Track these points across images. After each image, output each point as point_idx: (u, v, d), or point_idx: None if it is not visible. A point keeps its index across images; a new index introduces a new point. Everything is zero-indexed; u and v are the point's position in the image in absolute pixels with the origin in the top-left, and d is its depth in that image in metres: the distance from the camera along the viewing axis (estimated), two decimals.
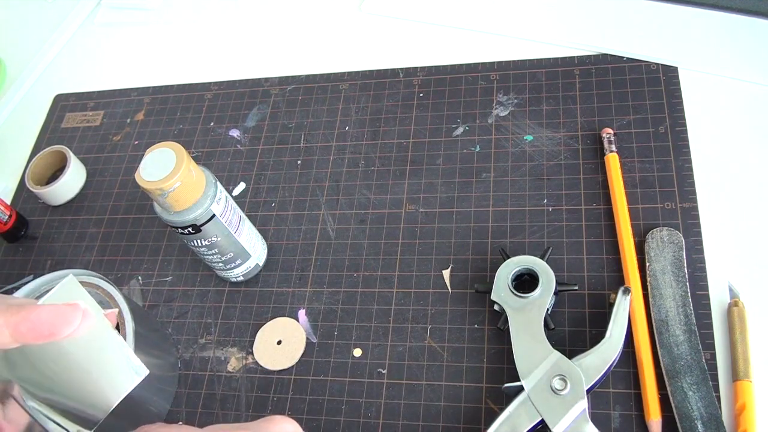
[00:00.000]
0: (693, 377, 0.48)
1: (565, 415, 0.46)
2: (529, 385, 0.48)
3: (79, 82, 0.83)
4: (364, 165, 0.66)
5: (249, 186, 0.67)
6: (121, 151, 0.74)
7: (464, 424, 0.51)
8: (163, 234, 0.67)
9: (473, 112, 0.66)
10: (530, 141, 0.63)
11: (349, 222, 0.63)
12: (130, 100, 0.78)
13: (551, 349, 0.49)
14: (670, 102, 0.62)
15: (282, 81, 0.74)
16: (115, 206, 0.70)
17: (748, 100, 0.61)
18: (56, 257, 0.68)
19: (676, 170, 0.58)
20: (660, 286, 0.52)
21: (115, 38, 0.86)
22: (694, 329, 0.50)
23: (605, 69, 0.65)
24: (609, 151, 0.59)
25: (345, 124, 0.69)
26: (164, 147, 0.50)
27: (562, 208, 0.59)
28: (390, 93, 0.70)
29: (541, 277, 0.52)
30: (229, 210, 0.55)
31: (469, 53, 0.71)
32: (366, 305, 0.58)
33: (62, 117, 0.79)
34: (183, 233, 0.54)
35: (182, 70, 0.79)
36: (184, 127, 0.74)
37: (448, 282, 0.58)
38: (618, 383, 0.50)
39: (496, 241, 0.58)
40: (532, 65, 0.67)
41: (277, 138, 0.70)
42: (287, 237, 0.63)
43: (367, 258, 0.60)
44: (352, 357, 0.56)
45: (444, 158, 0.64)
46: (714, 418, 0.46)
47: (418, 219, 0.61)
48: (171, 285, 0.64)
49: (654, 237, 0.54)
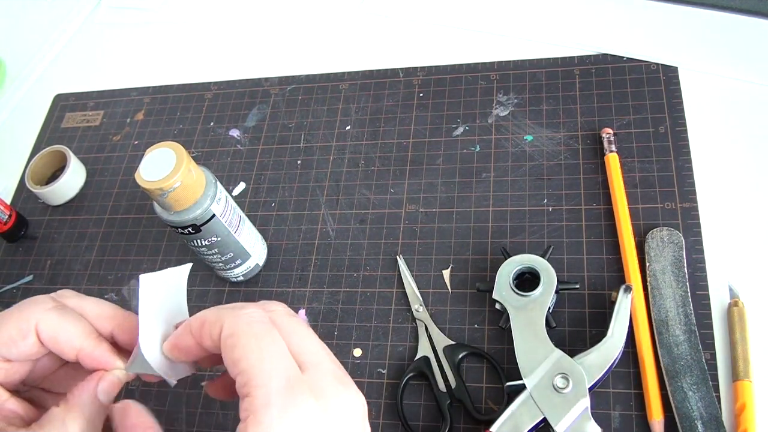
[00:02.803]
0: (693, 377, 0.48)
1: (568, 414, 0.46)
2: (531, 384, 0.48)
3: (79, 82, 0.83)
4: (364, 165, 0.66)
5: (249, 186, 0.67)
6: (121, 151, 0.74)
7: (464, 424, 0.51)
8: (163, 234, 0.67)
9: (473, 112, 0.66)
10: (530, 141, 0.63)
11: (349, 222, 0.63)
12: (130, 100, 0.78)
13: (553, 347, 0.49)
14: (670, 102, 0.62)
15: (282, 81, 0.74)
16: (115, 206, 0.70)
17: (748, 100, 0.61)
18: (56, 257, 0.68)
19: (676, 170, 0.58)
20: (660, 286, 0.52)
21: (115, 38, 0.86)
22: (694, 329, 0.50)
23: (605, 69, 0.65)
24: (609, 151, 0.59)
25: (345, 124, 0.69)
26: (164, 147, 0.50)
27: (562, 208, 0.59)
28: (390, 93, 0.70)
29: (543, 276, 0.52)
30: (229, 210, 0.55)
31: (469, 53, 0.71)
32: (366, 305, 0.58)
33: (62, 117, 0.79)
34: (183, 233, 0.54)
35: (182, 70, 0.79)
36: (184, 127, 0.74)
37: (448, 282, 0.58)
38: (618, 383, 0.50)
39: (496, 241, 0.58)
40: (532, 65, 0.67)
41: (277, 138, 0.70)
42: (287, 237, 0.63)
43: (367, 258, 0.60)
44: (352, 357, 0.56)
45: (444, 158, 0.64)
46: (714, 418, 0.46)
47: (418, 219, 0.61)
48: None
49: (654, 237, 0.54)
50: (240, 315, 0.33)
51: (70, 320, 0.36)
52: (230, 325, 0.32)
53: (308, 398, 0.30)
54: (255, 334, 0.32)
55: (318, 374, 0.32)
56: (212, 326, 0.33)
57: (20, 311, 0.36)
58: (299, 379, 0.31)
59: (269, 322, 0.33)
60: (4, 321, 0.35)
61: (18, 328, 0.35)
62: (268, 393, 0.30)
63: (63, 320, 0.36)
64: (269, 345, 0.32)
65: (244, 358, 0.31)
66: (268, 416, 0.29)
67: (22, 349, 0.35)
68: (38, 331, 0.35)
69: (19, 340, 0.35)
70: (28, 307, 0.36)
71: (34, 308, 0.36)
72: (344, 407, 0.32)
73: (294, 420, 0.30)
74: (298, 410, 0.30)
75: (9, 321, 0.35)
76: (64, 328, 0.36)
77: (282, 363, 0.31)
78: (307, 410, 0.30)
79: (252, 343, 0.31)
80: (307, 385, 0.31)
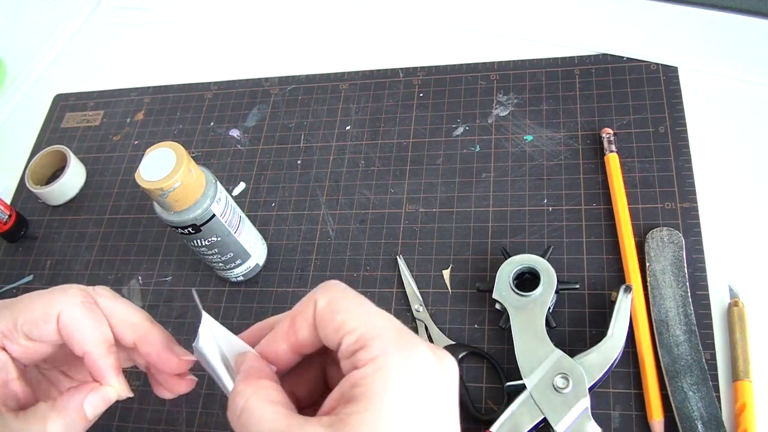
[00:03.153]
0: (693, 377, 0.48)
1: (568, 413, 0.46)
2: (531, 384, 0.48)
3: (79, 82, 0.83)
4: (364, 165, 0.66)
5: (249, 186, 0.67)
6: (121, 151, 0.74)
7: (464, 424, 0.51)
8: (163, 234, 0.67)
9: (473, 112, 0.66)
10: (530, 141, 0.63)
11: (349, 222, 0.63)
12: (130, 100, 0.78)
13: (553, 347, 0.49)
14: (670, 102, 0.62)
15: (282, 81, 0.74)
16: (115, 206, 0.70)
17: (748, 100, 0.61)
18: (56, 257, 0.68)
19: (676, 170, 0.58)
20: (660, 286, 0.52)
21: (115, 38, 0.86)
22: (694, 329, 0.50)
23: (605, 69, 0.65)
24: (609, 151, 0.59)
25: (345, 124, 0.69)
26: (164, 147, 0.50)
27: (562, 208, 0.59)
28: (390, 93, 0.70)
29: (543, 276, 0.52)
30: (229, 210, 0.55)
31: (469, 53, 0.71)
32: None
33: (62, 117, 0.79)
34: (183, 233, 0.54)
35: (182, 70, 0.79)
36: (184, 127, 0.74)
37: (448, 282, 0.58)
38: (618, 383, 0.50)
39: (496, 241, 0.58)
40: (532, 65, 0.67)
41: (277, 138, 0.70)
42: (287, 237, 0.63)
43: (367, 258, 0.60)
44: None
45: (444, 158, 0.64)
46: (714, 418, 0.46)
47: (418, 219, 0.61)
48: (171, 285, 0.63)
49: (654, 237, 0.54)
50: (330, 287, 0.33)
51: (90, 321, 0.36)
52: (323, 296, 0.32)
53: (424, 348, 0.30)
54: (353, 297, 0.32)
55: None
56: (305, 311, 0.33)
57: (51, 295, 0.36)
58: (410, 332, 0.31)
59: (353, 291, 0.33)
60: (35, 301, 0.36)
61: (43, 311, 0.36)
62: (385, 342, 0.29)
63: (84, 318, 0.36)
64: (370, 306, 0.32)
65: (351, 319, 0.31)
66: (390, 360, 0.29)
67: (42, 332, 0.36)
68: (59, 320, 0.36)
69: (41, 322, 0.36)
70: (59, 293, 0.36)
71: (64, 297, 0.36)
72: (453, 365, 0.32)
73: (414, 366, 0.29)
74: (417, 357, 0.30)
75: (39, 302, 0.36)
76: (82, 326, 0.36)
77: (390, 319, 0.31)
78: (425, 358, 0.30)
79: (353, 304, 0.31)
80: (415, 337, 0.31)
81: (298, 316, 0.33)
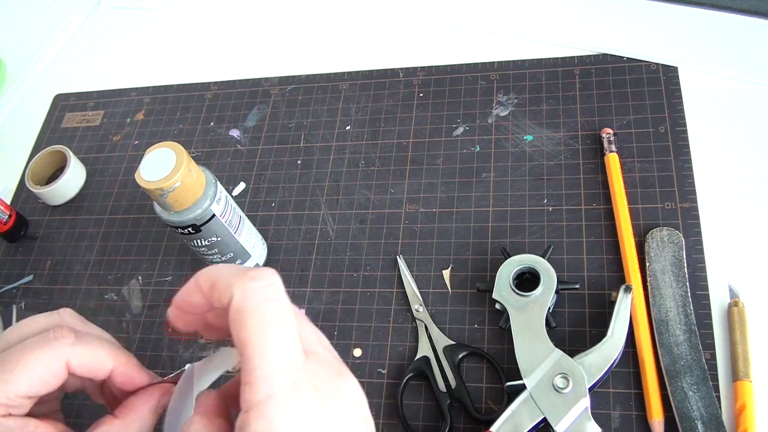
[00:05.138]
0: (693, 377, 0.48)
1: (568, 413, 0.46)
2: (531, 384, 0.48)
3: (78, 82, 0.83)
4: (364, 165, 0.66)
5: (249, 186, 0.67)
6: (121, 151, 0.74)
7: (464, 424, 0.51)
8: (163, 234, 0.67)
9: (473, 112, 0.66)
10: (530, 141, 0.63)
11: (349, 222, 0.63)
12: (130, 100, 0.78)
13: (553, 347, 0.49)
14: (670, 102, 0.62)
15: (282, 81, 0.74)
16: (115, 206, 0.70)
17: (748, 100, 0.61)
18: (56, 257, 0.68)
19: (676, 170, 0.58)
20: (660, 286, 0.52)
21: (115, 38, 0.86)
22: (694, 329, 0.50)
23: (605, 69, 0.65)
24: (609, 151, 0.59)
25: (345, 124, 0.69)
26: (164, 147, 0.50)
27: (562, 208, 0.59)
28: (390, 93, 0.70)
29: (543, 276, 0.52)
30: (229, 210, 0.55)
31: (469, 53, 0.71)
32: (366, 305, 0.58)
33: (62, 117, 0.79)
34: (183, 233, 0.54)
35: (182, 70, 0.79)
36: (184, 127, 0.74)
37: (448, 282, 0.58)
38: (618, 383, 0.50)
39: (496, 241, 0.58)
40: (532, 65, 0.67)
41: (277, 138, 0.70)
42: (287, 237, 0.63)
43: (367, 258, 0.60)
44: (352, 357, 0.56)
45: (444, 158, 0.64)
46: (714, 418, 0.46)
47: (418, 219, 0.61)
48: (171, 285, 0.63)
49: (654, 237, 0.54)
50: (252, 289, 0.31)
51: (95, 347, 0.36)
52: (240, 298, 0.31)
53: (309, 390, 0.30)
54: (264, 315, 0.31)
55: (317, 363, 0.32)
56: (222, 293, 0.32)
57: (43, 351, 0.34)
58: (303, 369, 0.31)
59: (282, 298, 0.32)
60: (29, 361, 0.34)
61: (48, 369, 0.34)
62: (271, 385, 0.30)
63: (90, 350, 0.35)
64: (278, 331, 0.31)
65: (250, 344, 0.30)
66: (271, 409, 0.29)
67: (53, 386, 0.35)
68: (70, 368, 0.35)
69: (51, 380, 0.34)
70: (52, 346, 0.35)
71: (61, 346, 0.35)
72: (343, 398, 0.32)
73: (295, 414, 0.30)
74: (300, 404, 0.30)
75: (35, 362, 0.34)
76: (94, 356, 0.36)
77: (289, 353, 0.31)
78: (309, 403, 0.30)
79: (258, 326, 0.30)
80: (308, 375, 0.31)
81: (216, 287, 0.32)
